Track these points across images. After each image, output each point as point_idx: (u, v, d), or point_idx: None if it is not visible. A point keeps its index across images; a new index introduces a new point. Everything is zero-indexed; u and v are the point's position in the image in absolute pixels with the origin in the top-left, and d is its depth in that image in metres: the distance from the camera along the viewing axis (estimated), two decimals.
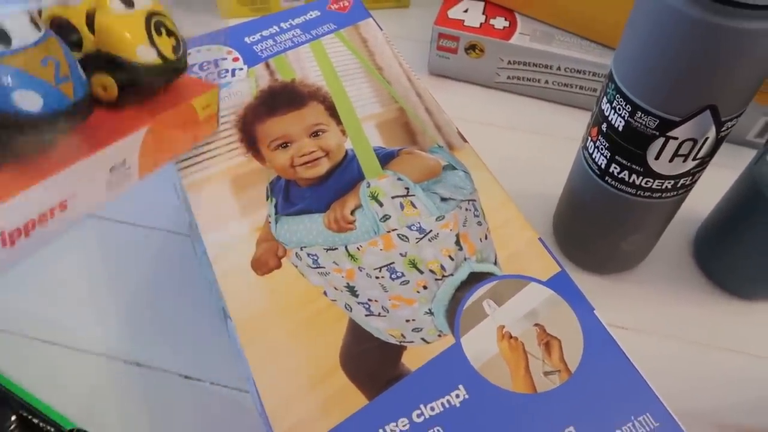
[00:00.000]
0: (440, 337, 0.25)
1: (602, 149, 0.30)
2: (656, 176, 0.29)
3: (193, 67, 0.35)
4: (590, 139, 0.32)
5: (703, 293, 0.38)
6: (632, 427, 0.22)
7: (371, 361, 0.24)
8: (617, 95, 0.28)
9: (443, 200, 0.28)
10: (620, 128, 0.29)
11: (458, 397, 0.23)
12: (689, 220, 0.40)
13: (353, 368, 0.24)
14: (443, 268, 0.26)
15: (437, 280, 0.26)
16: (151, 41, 0.25)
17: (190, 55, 0.35)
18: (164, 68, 0.26)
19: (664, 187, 0.30)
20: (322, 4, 0.39)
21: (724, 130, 0.27)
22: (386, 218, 0.28)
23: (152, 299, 0.37)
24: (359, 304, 0.26)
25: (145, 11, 0.25)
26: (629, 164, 0.29)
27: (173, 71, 0.27)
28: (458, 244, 0.27)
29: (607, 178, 0.31)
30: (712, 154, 0.29)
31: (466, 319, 0.25)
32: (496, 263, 0.27)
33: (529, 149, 0.45)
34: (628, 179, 0.30)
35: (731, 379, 0.34)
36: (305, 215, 0.28)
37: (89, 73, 0.24)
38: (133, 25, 0.25)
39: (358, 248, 0.27)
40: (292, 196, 0.29)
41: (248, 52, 0.36)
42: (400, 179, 0.29)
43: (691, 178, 0.30)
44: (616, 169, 0.30)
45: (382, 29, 0.37)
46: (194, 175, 0.30)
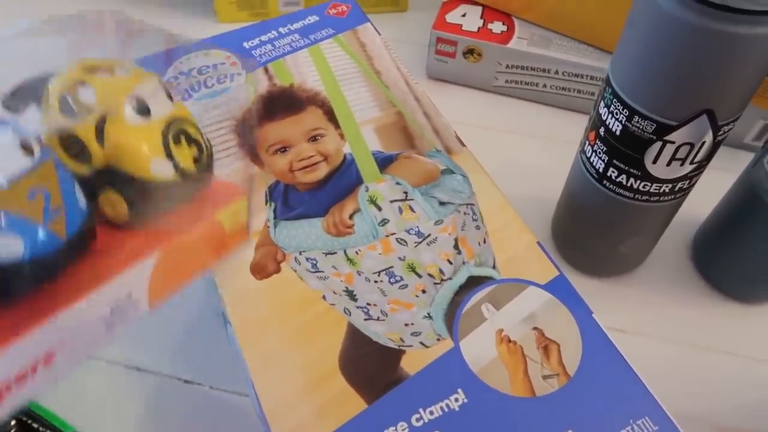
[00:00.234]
0: (439, 341, 0.25)
1: (600, 153, 0.30)
2: (654, 180, 0.29)
3: (191, 71, 0.35)
4: (588, 143, 0.32)
5: (701, 296, 0.38)
6: (631, 430, 0.22)
7: (370, 365, 0.24)
8: (614, 99, 0.28)
9: (442, 204, 0.28)
10: (618, 132, 0.29)
11: (457, 401, 0.23)
12: (687, 223, 0.40)
13: (352, 372, 0.24)
14: (442, 272, 0.26)
15: (436, 284, 0.26)
16: (167, 154, 0.22)
17: (188, 59, 0.36)
18: (182, 183, 0.23)
19: (661, 190, 0.30)
20: (320, 8, 0.39)
21: (721, 134, 0.27)
22: (385, 222, 0.28)
23: None
24: (358, 308, 0.26)
25: (163, 120, 0.22)
26: (627, 168, 0.29)
27: (193, 185, 0.23)
28: (457, 248, 0.27)
29: (605, 181, 0.31)
30: (709, 157, 0.29)
31: (464, 323, 0.25)
32: (494, 267, 0.27)
33: (527, 153, 0.45)
34: (625, 183, 0.30)
35: (729, 381, 0.34)
36: (304, 219, 0.28)
37: (96, 190, 0.22)
38: (147, 137, 0.22)
39: (356, 252, 0.27)
40: (290, 200, 0.29)
41: (247, 56, 0.36)
42: (398, 183, 0.29)
43: (688, 181, 0.30)
44: (613, 172, 0.30)
45: (380, 34, 0.37)
46: None
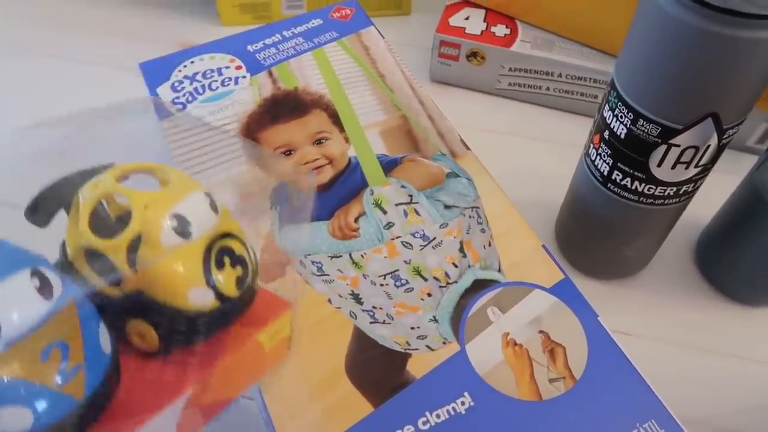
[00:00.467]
0: (445, 344, 0.25)
1: (604, 156, 0.31)
2: (658, 183, 0.29)
3: (196, 75, 0.35)
4: (592, 146, 0.32)
5: (705, 299, 0.38)
6: None
7: (376, 368, 0.24)
8: (619, 103, 0.28)
9: (447, 207, 0.28)
10: (622, 136, 0.29)
11: (463, 404, 0.23)
12: (691, 226, 0.40)
13: (358, 375, 0.24)
14: (447, 275, 0.26)
15: (441, 287, 0.26)
16: (208, 281, 0.19)
17: (193, 63, 0.36)
18: (222, 310, 0.20)
19: (666, 193, 0.30)
20: (324, 12, 0.39)
21: (725, 137, 0.27)
22: (390, 226, 0.28)
23: None
24: (364, 311, 0.26)
25: (205, 240, 0.20)
26: (631, 171, 0.29)
27: (234, 311, 0.21)
28: (462, 251, 0.27)
29: (609, 184, 0.31)
30: (714, 161, 0.29)
31: (470, 326, 0.25)
32: (500, 270, 0.27)
33: (531, 156, 0.45)
34: (630, 186, 0.30)
35: (733, 385, 0.34)
36: (309, 223, 0.28)
37: (125, 317, 0.19)
38: (186, 262, 0.19)
39: (362, 256, 0.27)
40: None
41: (251, 60, 0.36)
42: (403, 187, 0.29)
43: (693, 184, 0.30)
44: (618, 175, 0.30)
45: (384, 37, 0.37)
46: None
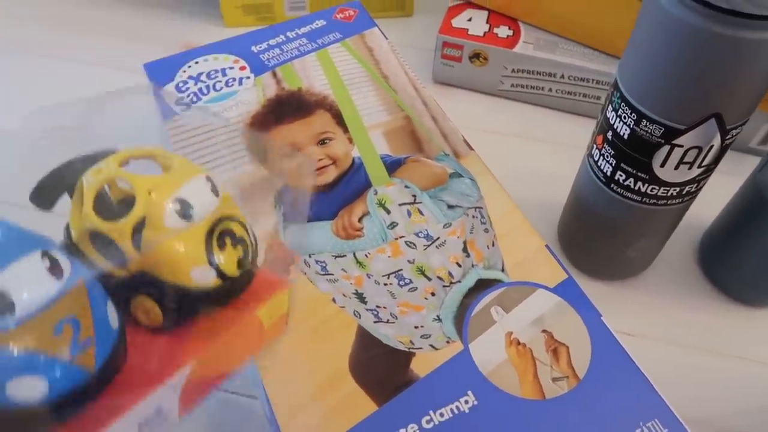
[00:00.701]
0: (449, 343, 0.25)
1: (607, 157, 0.31)
2: (661, 183, 0.29)
3: (200, 75, 0.35)
4: (595, 146, 0.32)
5: (708, 299, 0.38)
6: None
7: (380, 367, 0.24)
8: (622, 104, 0.28)
9: (450, 207, 0.29)
10: (625, 136, 0.29)
11: (467, 403, 0.23)
12: (694, 227, 0.40)
13: (362, 374, 0.24)
14: (451, 274, 0.27)
15: (445, 286, 0.26)
16: (210, 260, 0.20)
17: (197, 64, 0.36)
18: (223, 288, 0.21)
19: (669, 194, 0.30)
20: (327, 13, 0.39)
21: (728, 137, 0.27)
22: (394, 225, 0.28)
23: None
24: (368, 310, 0.26)
25: (207, 223, 0.20)
26: (635, 172, 0.30)
27: (235, 290, 0.22)
28: (465, 251, 0.27)
29: (612, 185, 0.31)
30: (717, 161, 0.29)
31: (474, 325, 0.25)
32: (503, 270, 0.27)
33: (534, 157, 0.45)
34: (633, 186, 0.30)
35: (736, 385, 0.34)
36: (313, 222, 0.28)
37: (130, 294, 0.20)
38: (189, 243, 0.20)
39: (366, 255, 0.27)
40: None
41: (255, 60, 0.36)
42: (407, 187, 0.29)
43: (696, 185, 0.30)
44: (621, 176, 0.30)
45: (387, 38, 0.37)
46: None
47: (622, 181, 0.31)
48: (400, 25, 0.56)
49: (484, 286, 0.26)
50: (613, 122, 0.29)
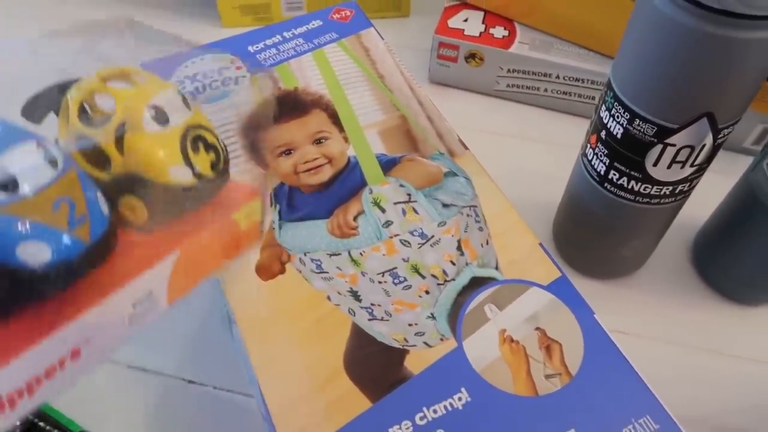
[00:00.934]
0: (442, 341, 0.25)
1: (601, 156, 0.31)
2: (654, 182, 0.30)
3: (197, 75, 0.35)
4: (589, 146, 0.32)
5: (701, 298, 0.38)
6: (632, 429, 0.23)
7: (374, 364, 0.25)
8: (615, 103, 0.28)
9: (445, 206, 0.29)
10: (619, 135, 0.29)
11: (461, 399, 0.23)
12: (688, 226, 0.41)
13: (357, 372, 0.24)
14: (445, 273, 0.27)
15: (439, 284, 0.26)
16: (185, 160, 0.23)
17: (194, 64, 0.36)
18: (200, 187, 0.23)
19: (662, 193, 0.30)
20: (324, 13, 0.39)
21: (721, 137, 0.27)
22: (389, 224, 0.28)
23: None
24: (362, 308, 0.26)
25: (181, 128, 0.23)
26: (628, 171, 0.30)
27: (210, 189, 0.24)
28: (460, 249, 0.27)
29: (606, 184, 0.31)
30: (709, 160, 0.29)
31: (468, 323, 0.25)
32: (497, 268, 0.27)
33: (529, 156, 0.46)
34: (626, 185, 0.30)
35: (730, 383, 0.35)
36: (309, 221, 0.28)
37: (116, 195, 0.22)
38: (165, 144, 0.22)
39: (361, 253, 0.27)
40: (295, 202, 0.29)
41: (252, 60, 0.36)
42: (402, 186, 0.29)
43: (688, 184, 0.30)
44: (615, 175, 0.31)
45: (383, 38, 0.38)
46: None
47: (615, 180, 0.31)
48: (396, 25, 0.56)
49: (478, 284, 0.26)
50: (606, 122, 0.30)
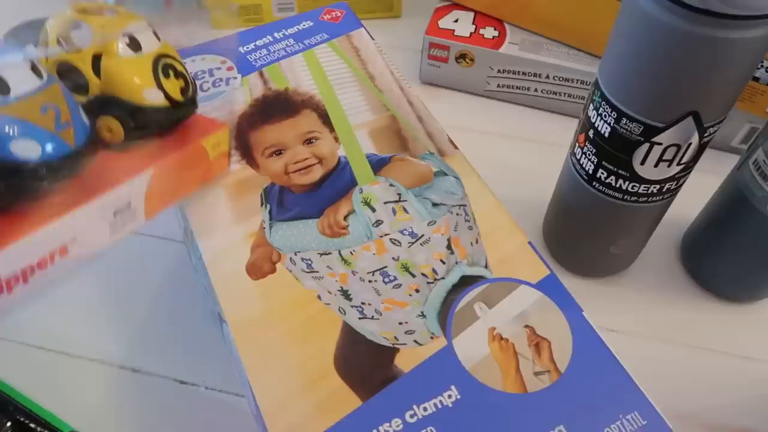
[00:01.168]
0: (432, 339, 0.25)
1: (589, 155, 0.31)
2: (642, 181, 0.30)
3: None
4: (578, 145, 0.32)
5: (689, 295, 0.38)
6: (620, 425, 0.23)
7: (365, 363, 0.25)
8: (603, 102, 0.29)
9: (435, 205, 0.29)
10: (606, 134, 0.29)
11: (450, 397, 0.24)
12: (676, 224, 0.41)
13: (347, 370, 0.24)
14: (435, 271, 0.27)
15: (429, 283, 0.27)
16: (158, 84, 0.25)
17: (185, 64, 0.36)
18: (172, 110, 0.26)
19: (650, 191, 0.31)
20: (314, 14, 0.40)
21: (706, 135, 0.28)
22: (379, 223, 0.28)
23: (147, 305, 0.37)
24: (353, 307, 0.26)
25: (152, 54, 0.25)
26: (616, 169, 0.30)
27: (181, 113, 0.27)
28: (450, 248, 0.28)
29: (594, 183, 0.32)
30: (695, 159, 0.29)
31: (457, 321, 0.26)
32: (486, 267, 0.27)
33: (518, 155, 0.46)
34: (615, 184, 0.31)
35: (718, 379, 0.35)
36: (299, 221, 0.29)
37: (95, 116, 0.24)
38: (140, 68, 0.25)
39: (351, 253, 0.27)
40: (286, 202, 0.29)
41: (242, 61, 0.36)
42: (392, 185, 0.30)
43: (675, 182, 0.30)
44: (603, 174, 0.31)
45: (374, 39, 0.38)
46: None
47: (603, 179, 0.31)
48: (387, 26, 0.56)
49: (467, 282, 0.27)
50: (594, 121, 0.30)
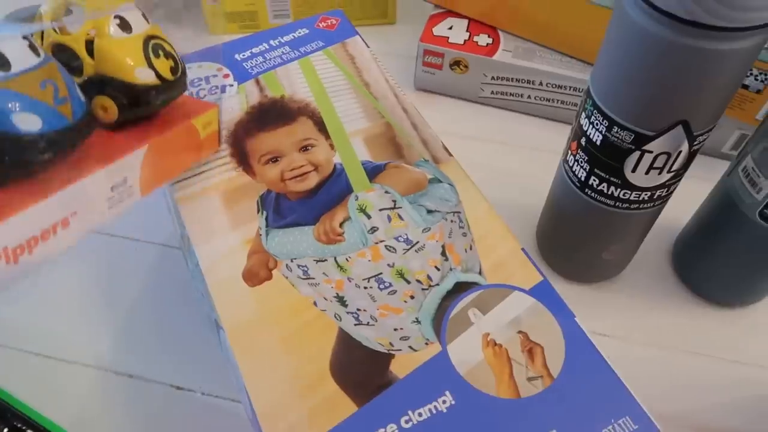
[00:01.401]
0: (427, 345, 0.25)
1: (582, 162, 0.31)
2: (633, 188, 0.30)
3: None
4: (570, 152, 0.33)
5: (681, 300, 0.39)
6: (612, 430, 0.23)
7: (360, 369, 0.25)
8: (594, 111, 0.29)
9: (429, 212, 0.29)
10: (598, 142, 0.30)
11: (445, 402, 0.24)
12: (667, 230, 0.41)
13: (343, 376, 0.25)
14: (430, 278, 0.27)
15: (424, 289, 0.27)
16: (149, 63, 0.26)
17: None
18: (163, 88, 0.27)
19: (641, 198, 0.31)
20: (310, 21, 0.40)
21: (696, 144, 0.28)
22: (374, 230, 0.28)
23: (143, 311, 0.37)
24: (348, 313, 0.26)
25: (143, 35, 0.26)
26: (607, 177, 0.30)
27: (172, 91, 0.27)
28: (444, 254, 0.28)
29: (586, 190, 0.32)
30: (686, 166, 0.30)
31: (452, 327, 0.26)
32: (480, 273, 0.27)
33: (512, 162, 0.46)
34: (606, 191, 0.31)
35: (708, 383, 0.35)
36: (295, 228, 0.29)
37: (90, 95, 0.25)
38: (131, 48, 0.26)
39: (347, 259, 0.28)
40: (282, 209, 0.30)
41: (238, 68, 0.36)
42: (387, 192, 0.30)
43: (666, 189, 0.31)
44: (595, 181, 0.31)
45: (369, 46, 0.38)
46: (186, 189, 0.31)
47: (595, 185, 0.31)
48: (382, 33, 0.57)
49: (462, 288, 0.27)
50: (586, 129, 0.30)
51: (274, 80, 0.36)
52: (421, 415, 0.24)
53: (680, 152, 0.28)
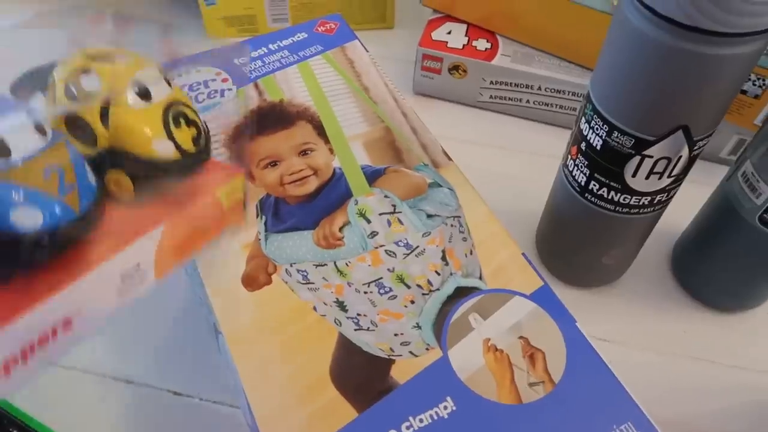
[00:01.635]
0: (428, 350, 0.25)
1: (582, 167, 0.31)
2: (633, 193, 0.30)
3: (183, 88, 0.35)
4: (570, 157, 0.33)
5: (681, 306, 0.39)
6: None
7: (360, 374, 0.25)
8: (594, 115, 0.29)
9: (429, 217, 0.29)
10: (598, 147, 0.30)
11: (446, 408, 0.24)
12: (667, 234, 0.41)
13: (343, 381, 0.25)
14: (430, 283, 0.27)
15: (424, 294, 0.27)
16: (168, 135, 0.24)
17: (181, 76, 0.36)
18: (183, 162, 0.24)
19: (641, 203, 0.31)
20: (309, 26, 0.40)
21: (696, 148, 0.28)
22: (374, 235, 0.28)
23: (141, 316, 0.37)
24: (348, 318, 0.26)
25: (163, 103, 0.24)
26: (608, 181, 0.30)
27: (193, 164, 0.25)
28: (444, 259, 0.28)
29: (586, 194, 0.32)
30: (686, 171, 0.30)
31: (452, 332, 0.26)
32: (481, 278, 0.27)
33: (511, 167, 0.46)
34: (606, 196, 0.31)
35: (707, 388, 0.35)
36: (295, 232, 0.29)
37: (103, 170, 0.23)
38: (149, 119, 0.23)
39: (346, 264, 0.28)
40: (281, 213, 0.30)
41: (237, 72, 0.36)
42: (387, 197, 0.30)
43: (666, 194, 0.31)
44: (595, 186, 0.31)
45: (367, 51, 0.38)
46: None
47: (595, 190, 0.31)
48: (380, 37, 0.57)
49: (462, 293, 0.27)
50: (586, 134, 0.30)
51: (273, 84, 0.36)
52: (422, 421, 0.23)
53: (680, 157, 0.28)
